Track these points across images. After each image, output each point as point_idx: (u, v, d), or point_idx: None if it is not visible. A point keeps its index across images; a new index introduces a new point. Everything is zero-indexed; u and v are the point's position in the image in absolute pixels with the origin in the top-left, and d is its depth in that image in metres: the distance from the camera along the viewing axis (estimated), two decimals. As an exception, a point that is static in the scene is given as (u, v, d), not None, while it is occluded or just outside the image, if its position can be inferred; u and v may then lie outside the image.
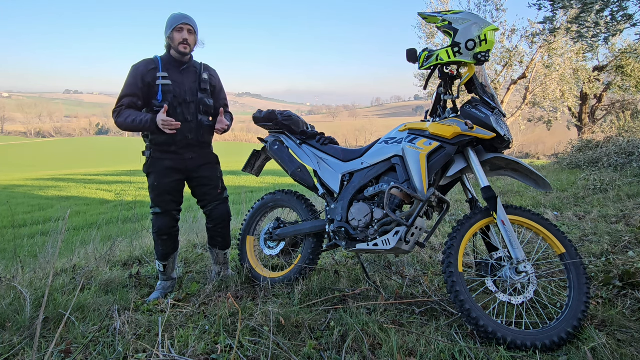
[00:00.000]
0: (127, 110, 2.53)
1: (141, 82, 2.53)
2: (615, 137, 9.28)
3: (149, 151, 2.64)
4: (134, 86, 2.52)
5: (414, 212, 2.15)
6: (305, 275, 2.63)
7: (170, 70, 2.58)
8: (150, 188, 2.67)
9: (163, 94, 2.53)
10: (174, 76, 2.58)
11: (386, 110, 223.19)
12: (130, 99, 2.53)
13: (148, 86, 2.54)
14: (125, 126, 2.52)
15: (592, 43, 7.37)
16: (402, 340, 1.84)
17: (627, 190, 4.90)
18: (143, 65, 2.56)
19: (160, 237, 2.70)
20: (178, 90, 2.57)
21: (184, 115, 2.58)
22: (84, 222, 9.27)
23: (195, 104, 2.62)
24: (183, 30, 2.55)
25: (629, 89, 15.55)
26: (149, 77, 2.53)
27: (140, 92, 2.54)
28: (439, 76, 2.23)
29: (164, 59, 2.61)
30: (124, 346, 1.85)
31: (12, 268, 3.10)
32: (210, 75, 2.73)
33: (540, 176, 2.09)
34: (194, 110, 2.62)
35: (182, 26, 2.54)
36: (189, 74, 2.64)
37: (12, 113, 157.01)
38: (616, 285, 2.25)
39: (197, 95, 2.63)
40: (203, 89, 2.66)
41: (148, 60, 2.60)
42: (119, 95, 2.57)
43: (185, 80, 2.61)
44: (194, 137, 2.63)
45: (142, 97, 2.56)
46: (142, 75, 2.53)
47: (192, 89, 2.62)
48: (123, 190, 15.84)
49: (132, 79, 2.53)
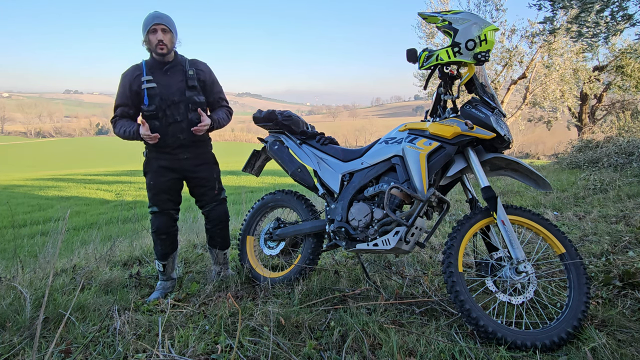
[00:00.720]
0: (120, 120, 2.63)
1: (129, 90, 2.57)
2: (615, 137, 9.28)
3: (146, 150, 2.69)
4: (124, 96, 2.60)
5: (414, 212, 2.15)
6: (305, 275, 2.63)
7: (155, 72, 2.58)
8: (148, 187, 2.69)
9: (149, 98, 2.54)
10: (158, 78, 2.57)
11: (386, 110, 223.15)
12: (122, 108, 2.62)
13: (136, 94, 2.58)
14: (120, 136, 2.64)
15: (592, 43, 7.36)
16: (402, 340, 1.84)
17: (627, 190, 4.90)
18: (130, 73, 2.59)
19: (159, 236, 2.70)
20: (164, 92, 2.55)
21: (173, 116, 2.57)
22: (84, 222, 9.27)
23: (184, 103, 2.59)
24: (157, 31, 2.50)
25: (629, 89, 15.54)
26: (135, 85, 2.57)
27: (129, 100, 2.60)
28: (439, 76, 2.22)
29: (148, 62, 2.60)
30: (124, 346, 1.85)
31: (12, 268, 3.10)
32: (197, 70, 2.65)
33: (540, 176, 2.09)
34: (184, 109, 2.59)
35: (155, 27, 2.50)
36: (175, 74, 2.61)
37: (12, 113, 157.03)
38: (616, 285, 2.25)
39: (185, 93, 2.59)
40: (191, 87, 2.61)
41: (134, 66, 2.62)
42: (114, 104, 2.66)
43: (171, 80, 2.59)
44: (186, 137, 2.62)
45: (132, 105, 2.62)
46: (129, 83, 2.57)
47: (179, 88, 2.58)
48: (123, 190, 15.84)
49: (122, 88, 2.60)
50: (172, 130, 2.57)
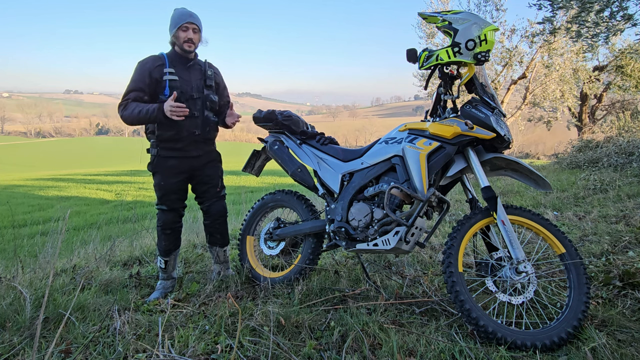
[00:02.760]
0: (133, 102, 2.53)
1: (148, 77, 2.54)
2: (615, 137, 9.27)
3: (154, 149, 2.64)
4: (141, 82, 2.54)
5: (414, 212, 2.15)
6: (305, 275, 2.63)
7: (177, 66, 2.60)
8: (156, 187, 2.69)
9: (170, 89, 2.55)
10: (180, 72, 2.60)
11: (386, 110, 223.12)
12: (136, 93, 2.54)
13: (156, 82, 2.56)
14: (131, 118, 2.50)
15: (592, 43, 7.36)
16: (402, 340, 1.84)
17: (627, 190, 4.90)
18: (151, 62, 2.57)
19: (164, 231, 2.74)
20: (185, 86, 2.59)
21: (191, 111, 2.58)
22: (84, 222, 9.27)
23: (201, 99, 2.65)
24: (188, 29, 2.56)
25: (628, 89, 15.54)
26: (157, 73, 2.55)
27: (146, 87, 2.55)
28: (439, 76, 2.23)
29: (170, 55, 2.63)
30: (124, 346, 1.85)
31: (12, 268, 3.10)
32: (214, 72, 2.77)
33: (540, 176, 2.09)
34: (201, 106, 2.65)
35: (187, 25, 2.56)
36: (195, 71, 2.67)
37: (12, 113, 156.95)
38: (616, 285, 2.25)
39: (203, 91, 2.66)
40: (209, 86, 2.70)
41: (155, 56, 2.61)
42: (125, 89, 2.58)
43: (191, 76, 2.64)
44: (200, 132, 2.66)
45: (148, 92, 2.57)
46: (149, 71, 2.54)
47: (198, 85, 2.65)
48: (123, 190, 15.84)
49: (139, 75, 2.55)
50: (188, 125, 2.59)
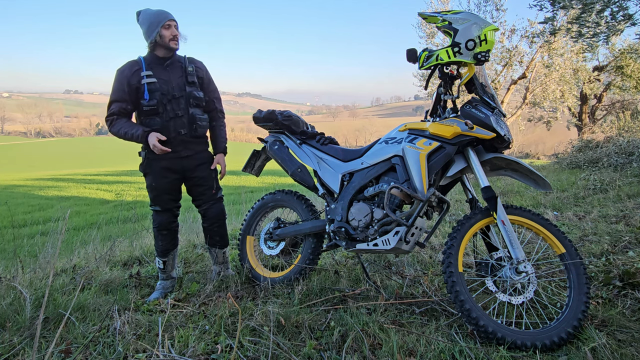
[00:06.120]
0: (119, 120, 2.58)
1: (127, 86, 2.54)
2: (615, 137, 9.27)
3: (144, 151, 2.66)
4: (121, 91, 2.56)
5: (414, 212, 2.15)
6: (305, 275, 2.63)
7: (155, 68, 2.59)
8: (149, 188, 2.70)
9: (150, 92, 2.54)
10: (159, 73, 2.58)
11: (386, 110, 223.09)
12: (119, 104, 2.57)
13: (135, 89, 2.56)
14: (118, 136, 2.60)
15: (592, 43, 7.36)
16: (402, 340, 1.84)
17: (627, 190, 4.90)
18: (127, 69, 2.56)
19: (160, 232, 2.74)
20: (165, 87, 2.58)
21: (174, 111, 2.59)
22: (84, 222, 9.27)
23: (184, 97, 2.63)
24: (171, 26, 2.56)
25: (628, 89, 15.55)
26: (134, 80, 2.55)
27: (127, 96, 2.56)
28: (439, 76, 2.22)
29: (147, 58, 2.61)
30: (124, 346, 1.85)
31: (12, 268, 3.10)
32: (196, 67, 2.72)
33: (540, 176, 2.09)
34: (184, 104, 2.63)
35: (169, 23, 2.56)
36: (175, 69, 2.64)
37: (12, 113, 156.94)
38: (616, 285, 2.25)
39: (185, 89, 2.63)
40: (191, 82, 2.66)
41: (132, 62, 2.60)
42: (109, 100, 2.61)
43: (171, 76, 2.62)
44: (187, 132, 2.64)
45: (130, 101, 2.58)
46: (127, 79, 2.54)
47: (179, 83, 2.63)
48: (123, 190, 15.84)
49: (119, 84, 2.56)
50: (173, 125, 2.59)
